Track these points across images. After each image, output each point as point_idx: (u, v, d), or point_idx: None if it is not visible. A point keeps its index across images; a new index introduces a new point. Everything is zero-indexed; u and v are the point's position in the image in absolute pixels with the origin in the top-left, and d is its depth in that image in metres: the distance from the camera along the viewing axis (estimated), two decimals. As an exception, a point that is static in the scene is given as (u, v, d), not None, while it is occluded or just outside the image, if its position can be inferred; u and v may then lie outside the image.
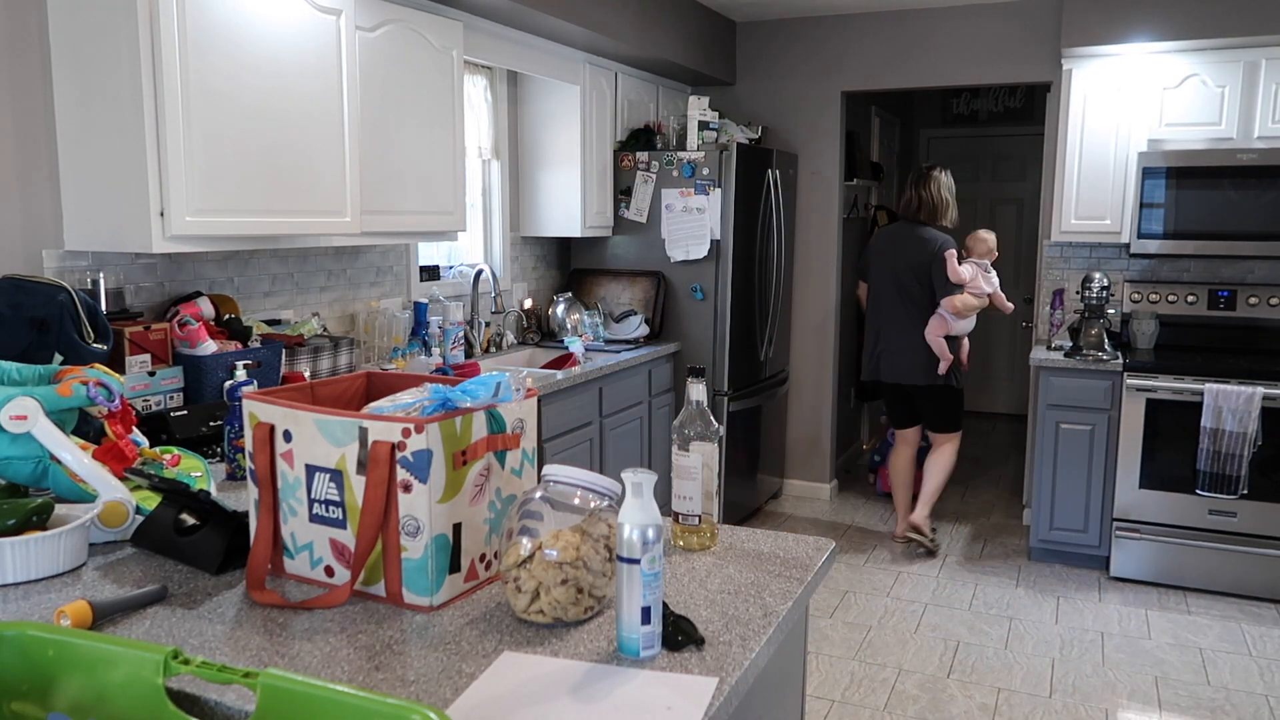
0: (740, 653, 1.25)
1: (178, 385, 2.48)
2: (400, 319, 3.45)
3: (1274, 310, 4.27)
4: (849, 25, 4.96)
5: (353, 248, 3.43)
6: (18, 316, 2.12)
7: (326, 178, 2.75)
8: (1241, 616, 3.77)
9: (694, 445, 1.63)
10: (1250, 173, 3.94)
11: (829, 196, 5.11)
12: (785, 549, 1.64)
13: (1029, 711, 3.03)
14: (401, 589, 1.37)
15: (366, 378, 1.71)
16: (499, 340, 4.16)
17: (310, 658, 1.23)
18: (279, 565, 1.48)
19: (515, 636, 1.29)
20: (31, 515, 1.55)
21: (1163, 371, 3.95)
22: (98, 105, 2.33)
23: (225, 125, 2.43)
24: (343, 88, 2.79)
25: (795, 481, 5.36)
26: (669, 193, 4.43)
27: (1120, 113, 4.21)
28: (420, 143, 3.18)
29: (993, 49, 4.70)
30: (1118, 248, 4.57)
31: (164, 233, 2.31)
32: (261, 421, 1.44)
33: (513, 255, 4.40)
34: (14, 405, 1.65)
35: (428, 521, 1.33)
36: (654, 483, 1.24)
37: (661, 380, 4.36)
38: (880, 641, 3.52)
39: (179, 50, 2.29)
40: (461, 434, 1.37)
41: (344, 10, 2.77)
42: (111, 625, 1.31)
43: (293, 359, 2.82)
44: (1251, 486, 3.84)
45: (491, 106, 4.14)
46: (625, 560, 1.22)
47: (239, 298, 2.98)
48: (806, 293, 5.21)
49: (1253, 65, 4.00)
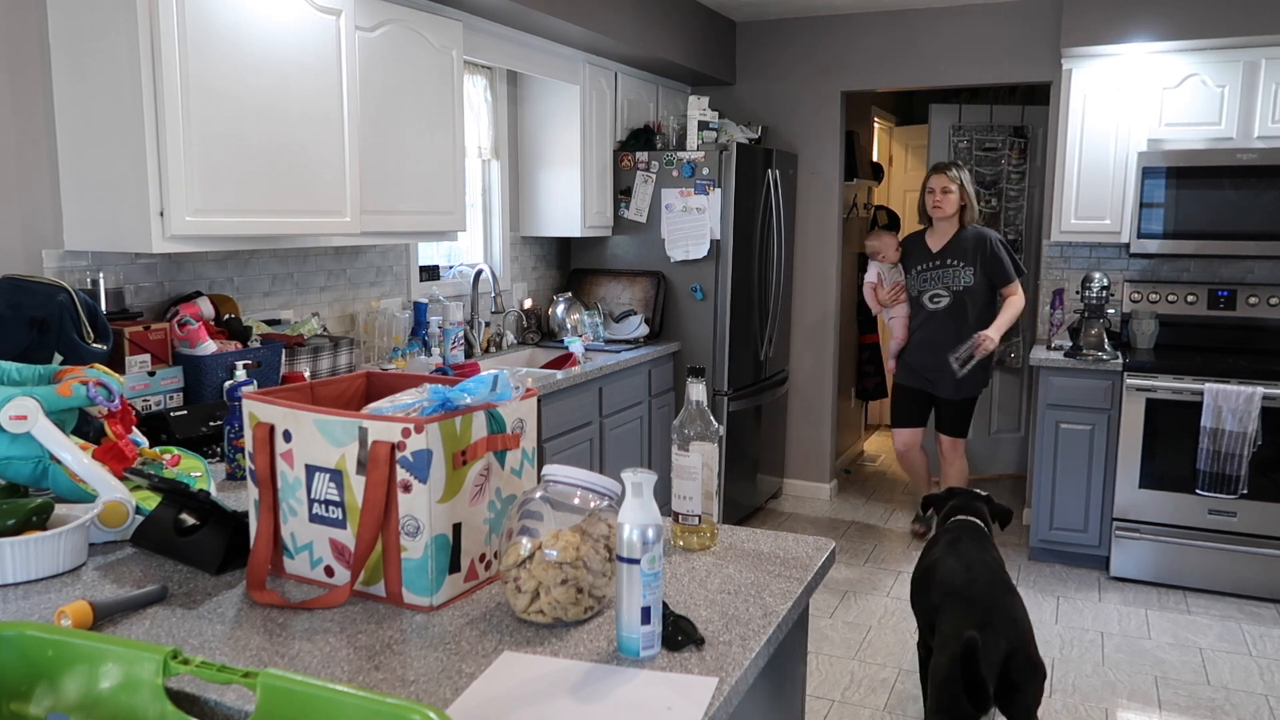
0: (740, 653, 1.25)
1: (178, 385, 2.48)
2: (400, 319, 3.45)
3: (1274, 310, 4.27)
4: (849, 25, 4.96)
5: (353, 248, 3.43)
6: (18, 316, 2.12)
7: (326, 178, 2.75)
8: (1241, 616, 3.77)
9: (694, 445, 1.63)
10: (1250, 173, 3.94)
11: (829, 196, 5.11)
12: (785, 549, 1.64)
13: (1029, 711, 3.03)
14: (401, 589, 1.37)
15: (366, 378, 1.71)
16: (499, 340, 4.16)
17: (310, 658, 1.23)
18: (279, 565, 1.48)
19: (515, 636, 1.29)
20: (31, 515, 1.55)
21: (1163, 371, 3.95)
22: (98, 105, 2.33)
23: (225, 125, 2.43)
24: (342, 88, 2.79)
25: (795, 481, 5.36)
26: (669, 193, 4.43)
27: (1120, 112, 4.21)
28: (420, 143, 3.18)
29: (993, 48, 4.70)
30: (1118, 247, 4.57)
31: (164, 233, 2.31)
32: (261, 421, 1.44)
33: (513, 255, 4.40)
34: (14, 405, 1.65)
35: (428, 521, 1.33)
36: (654, 483, 1.24)
37: (661, 380, 4.36)
38: (880, 641, 3.53)
39: (179, 50, 2.29)
40: (461, 434, 1.37)
41: (344, 10, 2.77)
42: (111, 625, 1.31)
43: (293, 359, 2.82)
44: (1251, 486, 3.84)
45: (491, 106, 4.14)
46: (625, 560, 1.22)
47: (239, 298, 2.98)
48: (806, 293, 5.20)
49: (1253, 65, 4.00)
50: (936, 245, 4.25)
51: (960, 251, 4.19)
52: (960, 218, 4.23)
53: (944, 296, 4.22)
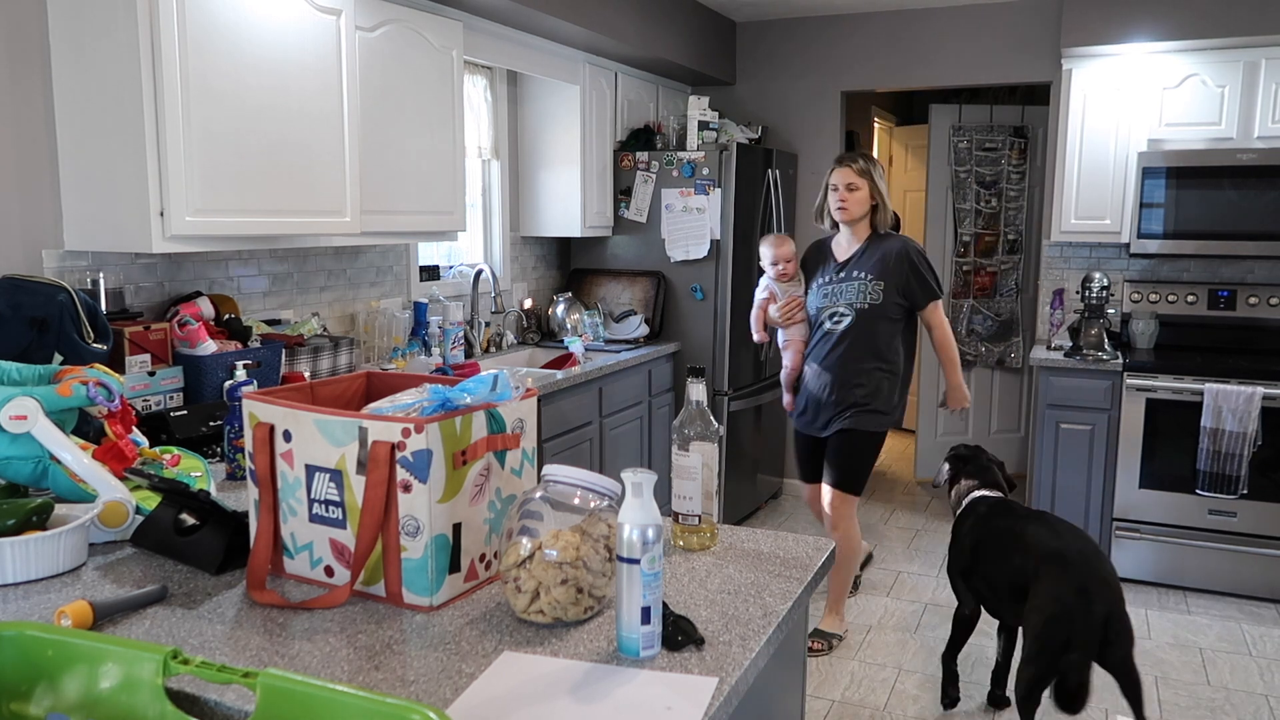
0: (740, 653, 1.25)
1: (178, 385, 2.48)
2: (400, 319, 3.45)
3: (1274, 310, 4.27)
4: (849, 25, 4.96)
5: (353, 248, 3.43)
6: (18, 316, 2.12)
7: (326, 178, 2.75)
8: (1241, 616, 3.77)
9: (694, 445, 1.63)
10: (1250, 173, 3.94)
11: (829, 196, 5.11)
12: (785, 549, 1.64)
13: (1029, 711, 3.03)
14: (401, 589, 1.37)
15: (366, 378, 1.71)
16: (499, 340, 4.16)
17: (310, 658, 1.23)
18: (279, 565, 1.48)
19: (515, 636, 1.29)
20: (31, 515, 1.55)
21: (1163, 371, 3.95)
22: (98, 105, 2.33)
23: (225, 125, 2.43)
24: (342, 88, 2.79)
25: (795, 481, 5.36)
26: (669, 193, 4.43)
27: (1120, 113, 4.21)
28: (420, 143, 3.18)
29: (993, 49, 4.70)
30: (1118, 248, 4.57)
31: (164, 232, 2.31)
32: (261, 421, 1.44)
33: (513, 255, 4.40)
34: (14, 405, 1.65)
35: (427, 521, 1.33)
36: (654, 483, 1.24)
37: (661, 380, 4.36)
38: (880, 641, 3.52)
39: (179, 50, 2.29)
40: (461, 434, 1.37)
41: (344, 10, 2.77)
42: (111, 625, 1.31)
43: (293, 359, 2.82)
44: (1251, 486, 3.84)
45: (491, 106, 4.14)
46: (625, 560, 1.22)
47: (239, 298, 2.98)
48: (806, 293, 5.20)
49: (1253, 65, 4.00)
50: (844, 254, 3.39)
51: (870, 262, 3.31)
52: (871, 220, 3.36)
53: (845, 316, 3.32)
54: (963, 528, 2.94)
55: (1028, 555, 2.63)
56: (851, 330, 3.32)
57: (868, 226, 3.37)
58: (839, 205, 3.32)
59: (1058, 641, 2.46)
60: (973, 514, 2.93)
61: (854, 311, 3.31)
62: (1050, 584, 2.52)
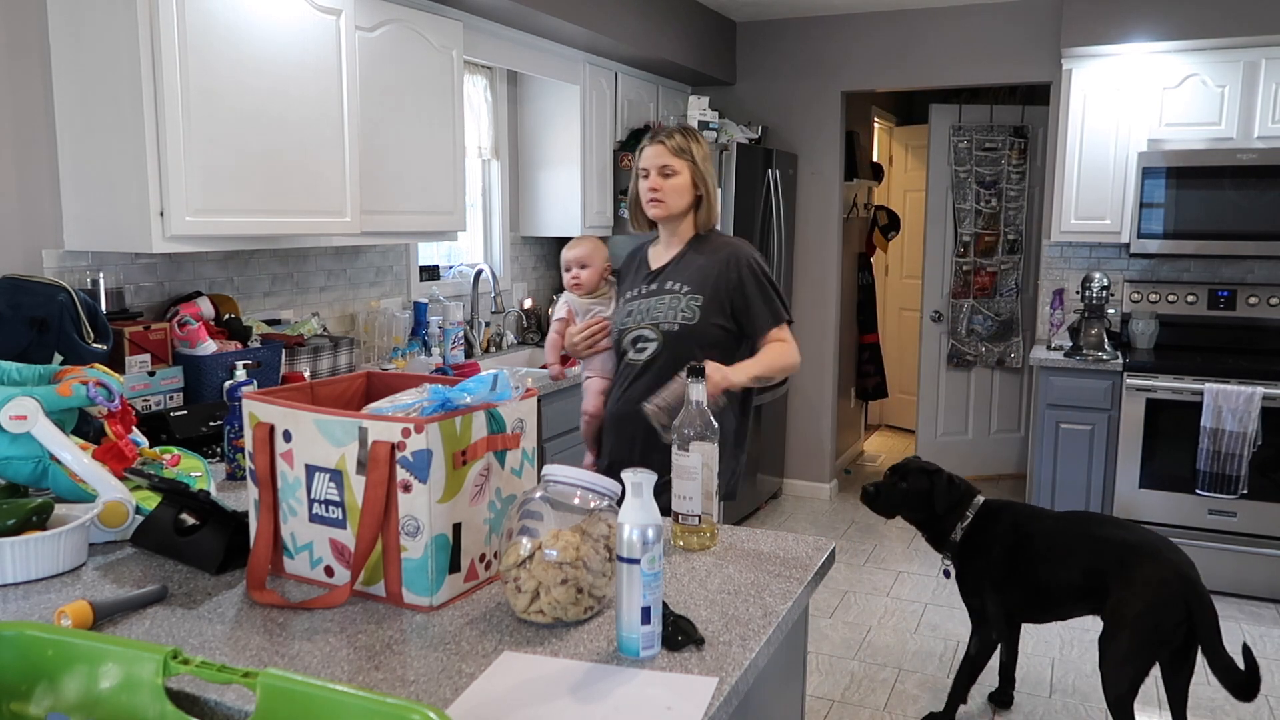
0: (740, 653, 1.25)
1: (178, 385, 2.48)
2: (400, 319, 3.45)
3: (1274, 310, 4.27)
4: (849, 25, 4.96)
5: (353, 248, 3.43)
6: (18, 316, 2.12)
7: (326, 178, 2.75)
8: (1241, 616, 3.77)
9: (694, 445, 1.63)
10: (1250, 173, 3.94)
11: (829, 196, 5.11)
12: (785, 549, 1.64)
13: (1029, 711, 3.03)
14: (401, 589, 1.37)
15: (366, 378, 1.71)
16: (499, 340, 4.16)
17: (310, 658, 1.23)
18: (279, 565, 1.48)
19: (515, 636, 1.29)
20: (31, 515, 1.55)
21: (1163, 371, 3.95)
22: (98, 105, 2.33)
23: (225, 125, 2.43)
24: (342, 88, 2.79)
25: (795, 481, 5.36)
26: (669, 193, 4.41)
27: (1120, 113, 4.21)
28: (420, 143, 3.17)
29: (993, 49, 4.70)
30: (1118, 248, 4.57)
31: (164, 233, 2.31)
32: (261, 421, 1.44)
33: (513, 255, 4.40)
34: (14, 405, 1.65)
35: (428, 521, 1.33)
36: (654, 483, 1.24)
37: (661, 380, 4.35)
38: (880, 641, 3.52)
39: (179, 50, 2.29)
40: (461, 434, 1.37)
41: (344, 10, 2.77)
42: (111, 625, 1.31)
43: (293, 359, 2.82)
44: (1251, 486, 3.84)
45: (491, 106, 4.14)
46: (625, 560, 1.22)
47: (239, 298, 2.98)
48: (806, 292, 5.20)
49: (1253, 65, 4.00)
50: (658, 261, 2.42)
51: (687, 270, 2.34)
52: (694, 218, 2.37)
53: (650, 341, 2.34)
54: (982, 538, 2.75)
55: (1100, 552, 2.60)
56: (657, 361, 2.32)
57: (691, 225, 2.37)
58: (650, 196, 2.32)
59: (1168, 625, 2.48)
60: (994, 521, 2.75)
61: (660, 335, 2.31)
62: (1150, 570, 2.52)
